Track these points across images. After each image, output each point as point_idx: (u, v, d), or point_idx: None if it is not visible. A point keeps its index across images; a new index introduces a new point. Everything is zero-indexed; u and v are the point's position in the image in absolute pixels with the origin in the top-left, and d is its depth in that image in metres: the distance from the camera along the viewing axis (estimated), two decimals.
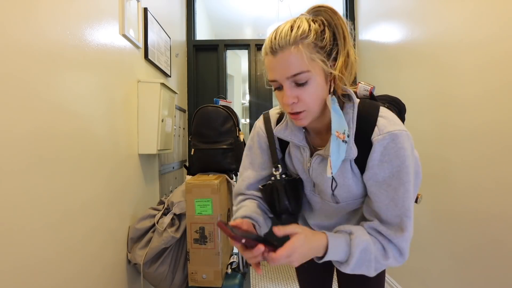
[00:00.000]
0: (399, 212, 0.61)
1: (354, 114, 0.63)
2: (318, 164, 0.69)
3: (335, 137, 0.59)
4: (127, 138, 1.32)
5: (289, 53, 0.56)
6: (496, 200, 1.06)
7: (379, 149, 0.60)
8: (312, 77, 0.58)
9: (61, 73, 0.88)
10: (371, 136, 0.61)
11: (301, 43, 0.56)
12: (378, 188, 0.63)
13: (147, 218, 1.36)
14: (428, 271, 1.46)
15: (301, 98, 0.59)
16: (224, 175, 1.47)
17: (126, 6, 1.27)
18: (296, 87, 0.59)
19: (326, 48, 0.59)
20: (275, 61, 0.58)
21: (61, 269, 0.87)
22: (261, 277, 2.18)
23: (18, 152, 0.72)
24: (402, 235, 0.61)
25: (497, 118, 1.05)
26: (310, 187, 0.75)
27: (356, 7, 2.34)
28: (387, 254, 0.62)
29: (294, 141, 0.71)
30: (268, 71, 0.61)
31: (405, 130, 0.60)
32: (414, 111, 1.54)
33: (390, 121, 0.61)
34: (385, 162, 0.60)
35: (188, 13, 2.46)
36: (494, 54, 1.06)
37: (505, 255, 1.03)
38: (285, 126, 0.72)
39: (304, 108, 0.60)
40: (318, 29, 0.58)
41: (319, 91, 0.60)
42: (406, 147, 0.59)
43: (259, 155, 0.80)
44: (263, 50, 0.62)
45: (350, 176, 0.66)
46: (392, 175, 0.60)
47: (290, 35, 0.56)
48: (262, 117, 0.81)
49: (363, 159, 0.63)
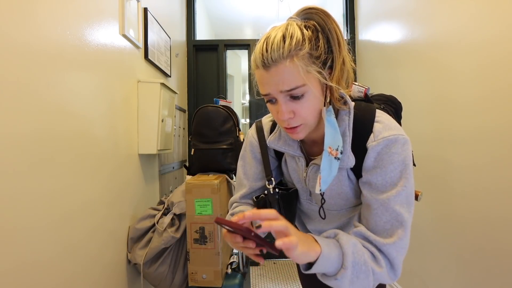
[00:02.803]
0: (389, 217, 0.56)
1: (350, 121, 0.60)
2: (314, 173, 0.67)
3: (327, 154, 0.56)
4: (127, 138, 1.32)
5: (283, 67, 0.52)
6: (496, 200, 1.06)
7: (373, 155, 0.58)
8: (308, 90, 0.55)
9: (61, 73, 0.88)
10: (366, 143, 0.59)
11: (296, 56, 0.52)
12: (370, 192, 0.60)
13: (147, 218, 1.36)
14: (428, 271, 1.46)
15: (297, 112, 0.56)
16: (224, 175, 1.47)
17: (126, 6, 1.27)
18: (291, 101, 0.55)
19: (321, 57, 0.55)
20: (268, 76, 0.54)
21: (61, 269, 0.87)
22: (261, 277, 2.19)
23: (19, 153, 0.73)
24: (391, 242, 0.55)
25: (498, 119, 1.05)
26: (306, 196, 0.74)
27: (356, 7, 2.34)
28: (378, 262, 0.55)
29: (288, 151, 0.68)
30: (260, 85, 0.58)
31: (402, 134, 0.58)
32: (413, 111, 1.55)
33: (385, 125, 0.59)
34: (378, 167, 0.58)
35: (188, 13, 2.46)
36: (494, 55, 1.06)
37: (505, 255, 1.03)
38: (278, 137, 0.69)
39: (301, 122, 0.57)
40: (312, 37, 0.54)
41: (315, 103, 0.57)
42: (400, 152, 0.57)
43: (253, 166, 0.77)
44: (253, 63, 0.57)
45: (347, 183, 0.64)
46: (385, 180, 0.58)
47: (283, 47, 0.52)
48: (254, 125, 0.78)
49: (359, 166, 0.61)
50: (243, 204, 0.78)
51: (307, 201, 0.74)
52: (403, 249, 0.56)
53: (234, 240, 0.53)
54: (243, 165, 0.79)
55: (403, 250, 0.56)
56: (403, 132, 0.59)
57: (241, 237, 0.53)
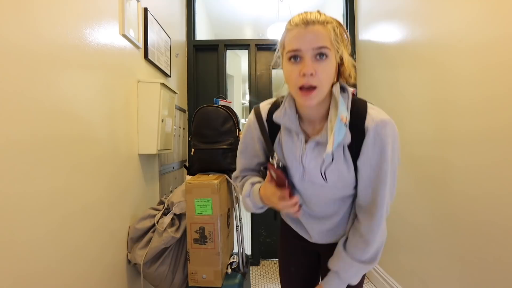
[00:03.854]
0: (372, 194, 0.71)
1: (348, 102, 0.70)
2: (312, 150, 0.72)
3: (339, 119, 0.65)
4: (127, 138, 1.32)
5: (319, 28, 0.63)
6: (496, 201, 1.06)
7: (372, 134, 0.67)
8: (330, 55, 0.64)
9: (61, 73, 0.88)
10: (364, 123, 0.68)
11: (329, 24, 0.64)
12: (366, 170, 0.70)
13: (147, 218, 1.36)
14: (428, 271, 1.46)
15: (318, 72, 0.63)
16: (224, 175, 1.47)
17: (126, 6, 1.27)
18: (316, 60, 0.64)
19: (338, 39, 0.66)
20: (305, 32, 0.63)
21: (62, 271, 0.87)
22: (261, 277, 2.19)
23: (19, 155, 0.72)
24: (370, 221, 0.72)
25: (498, 120, 1.05)
26: (299, 175, 0.77)
27: (356, 7, 2.34)
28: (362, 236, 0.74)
29: (291, 127, 0.74)
30: (292, 42, 0.65)
31: (392, 120, 0.69)
32: (413, 112, 1.55)
33: (379, 111, 0.70)
34: (376, 146, 0.67)
35: (188, 13, 2.46)
36: (495, 56, 1.06)
37: (505, 255, 1.03)
38: (283, 112, 0.75)
39: (317, 84, 0.64)
40: (335, 23, 0.67)
41: (332, 71, 0.66)
42: (390, 134, 0.67)
43: (251, 145, 0.85)
44: (290, 23, 0.66)
45: (342, 161, 0.71)
46: (380, 157, 0.68)
47: (320, 17, 0.64)
48: (253, 110, 0.85)
49: (356, 145, 0.69)
50: (247, 175, 0.90)
51: (300, 180, 0.77)
52: (379, 230, 0.73)
53: (282, 193, 0.72)
54: (243, 142, 0.87)
55: (379, 232, 0.73)
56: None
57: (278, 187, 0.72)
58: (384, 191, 0.70)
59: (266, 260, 2.45)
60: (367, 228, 0.73)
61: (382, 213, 0.71)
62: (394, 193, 0.74)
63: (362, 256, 0.73)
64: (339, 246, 0.78)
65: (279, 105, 0.78)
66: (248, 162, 0.88)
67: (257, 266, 2.35)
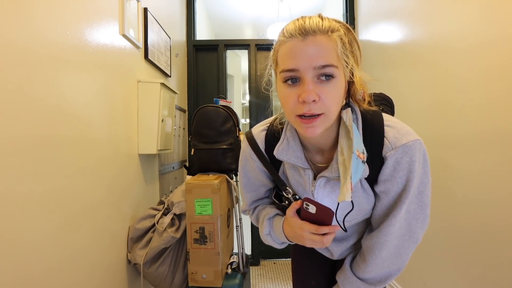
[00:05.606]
0: (381, 219, 0.64)
1: (359, 126, 0.57)
2: (323, 187, 0.63)
3: (356, 156, 0.52)
4: (127, 138, 1.32)
5: (322, 39, 0.49)
6: (496, 203, 1.06)
7: (392, 164, 0.57)
8: (338, 74, 0.50)
9: (61, 73, 0.88)
10: (381, 151, 0.57)
11: (334, 35, 0.50)
12: (383, 198, 0.62)
13: (147, 218, 1.36)
14: (428, 271, 1.46)
15: (322, 97, 0.50)
16: (224, 175, 1.47)
17: (126, 6, 1.27)
18: (319, 82, 0.50)
19: (348, 50, 0.52)
20: (302, 45, 0.49)
21: (63, 271, 0.87)
22: (261, 277, 2.19)
23: (19, 156, 0.72)
24: (371, 241, 0.65)
25: (498, 121, 1.05)
26: None
27: (356, 7, 2.34)
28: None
29: (297, 164, 0.62)
30: (286, 59, 0.51)
31: (418, 139, 0.56)
32: (413, 113, 1.54)
33: (399, 130, 0.57)
34: (397, 177, 0.57)
35: (188, 13, 2.46)
36: (495, 56, 1.06)
37: (505, 256, 1.03)
38: (286, 146, 0.62)
39: (323, 111, 0.51)
40: (343, 30, 0.53)
41: (340, 93, 0.52)
42: (416, 160, 0.56)
43: (253, 177, 0.75)
44: (284, 33, 0.52)
45: (361, 194, 0.62)
46: (402, 187, 0.58)
47: (322, 24, 0.49)
48: (246, 139, 0.71)
49: (373, 173, 0.59)
50: (259, 205, 0.79)
51: None
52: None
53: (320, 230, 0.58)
54: (244, 176, 0.76)
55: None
56: (415, 133, 0.58)
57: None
58: (394, 219, 0.61)
59: (266, 260, 2.45)
60: (367, 247, 0.67)
61: (386, 239, 0.62)
62: (427, 221, 0.63)
63: (362, 274, 0.68)
64: (347, 259, 0.74)
65: (274, 133, 0.66)
66: (255, 194, 0.78)
67: (257, 266, 2.35)
